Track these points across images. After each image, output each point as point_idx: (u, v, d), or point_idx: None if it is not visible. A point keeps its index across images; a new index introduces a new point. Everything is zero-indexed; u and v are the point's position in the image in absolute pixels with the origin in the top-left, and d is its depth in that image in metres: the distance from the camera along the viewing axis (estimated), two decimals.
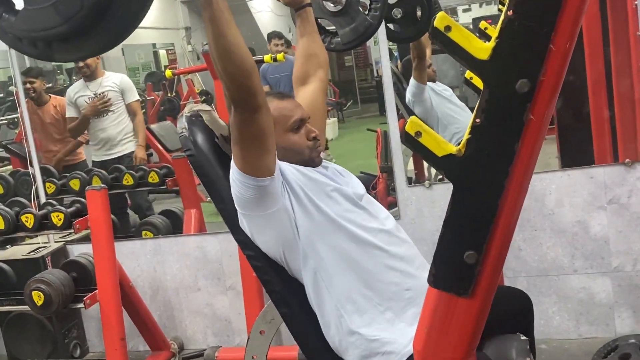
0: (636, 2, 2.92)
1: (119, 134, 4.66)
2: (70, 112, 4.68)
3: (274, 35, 6.02)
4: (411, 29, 2.84)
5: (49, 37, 1.00)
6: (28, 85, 4.57)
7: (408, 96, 3.78)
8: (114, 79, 4.68)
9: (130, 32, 1.04)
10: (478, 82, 2.77)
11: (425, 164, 4.30)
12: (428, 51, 3.80)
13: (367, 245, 1.73)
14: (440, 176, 4.06)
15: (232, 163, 1.68)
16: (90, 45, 1.03)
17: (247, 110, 1.55)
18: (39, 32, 1.00)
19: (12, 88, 4.35)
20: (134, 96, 4.71)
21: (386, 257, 1.73)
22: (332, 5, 2.29)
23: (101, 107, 4.56)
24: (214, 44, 1.46)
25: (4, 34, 1.03)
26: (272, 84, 5.37)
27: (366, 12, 2.33)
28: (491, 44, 0.96)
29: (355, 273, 1.71)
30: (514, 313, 1.88)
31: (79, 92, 4.64)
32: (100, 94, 4.58)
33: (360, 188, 1.87)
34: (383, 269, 1.72)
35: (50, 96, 4.92)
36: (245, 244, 1.78)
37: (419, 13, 2.85)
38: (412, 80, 3.76)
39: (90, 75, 4.62)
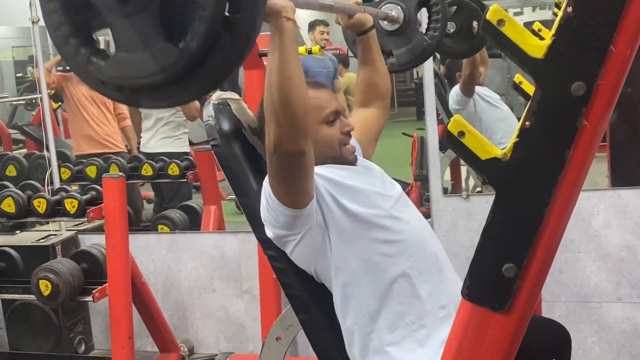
0: None
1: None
2: None
3: (319, 22, 5.82)
4: (465, 44, 2.79)
5: (142, 85, 0.99)
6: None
7: (452, 104, 3.75)
8: None
9: (225, 80, 1.03)
10: (528, 88, 2.75)
11: (463, 175, 4.28)
12: (483, 69, 3.73)
13: (402, 256, 1.71)
14: (479, 188, 4.03)
15: (268, 186, 1.64)
16: (181, 94, 1.02)
17: (294, 153, 1.52)
18: (131, 80, 0.99)
19: (29, 69, 4.32)
20: None
21: (423, 270, 1.72)
22: (388, 24, 2.23)
23: None
24: (278, 71, 1.44)
25: (87, 75, 1.03)
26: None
27: (424, 32, 2.29)
28: (547, 42, 0.95)
29: (389, 288, 1.70)
30: (549, 350, 1.85)
31: None
32: None
33: (396, 188, 1.84)
34: (420, 284, 1.70)
35: None
36: (267, 243, 1.77)
37: (475, 27, 2.79)
38: (457, 89, 3.70)
39: None
